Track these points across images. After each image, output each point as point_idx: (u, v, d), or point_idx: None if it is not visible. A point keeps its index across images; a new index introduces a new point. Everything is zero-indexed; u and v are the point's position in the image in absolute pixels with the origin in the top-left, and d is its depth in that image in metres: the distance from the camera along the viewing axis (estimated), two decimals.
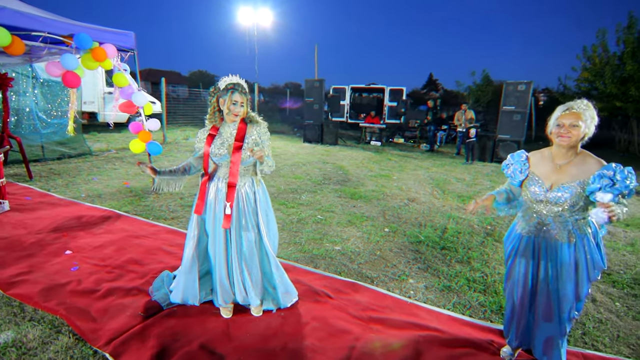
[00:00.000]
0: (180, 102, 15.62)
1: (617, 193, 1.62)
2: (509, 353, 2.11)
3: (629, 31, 11.25)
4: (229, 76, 2.21)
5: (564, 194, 1.75)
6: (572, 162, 1.78)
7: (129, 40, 4.82)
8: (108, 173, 6.27)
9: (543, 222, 1.85)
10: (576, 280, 1.80)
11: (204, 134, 2.29)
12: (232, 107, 2.16)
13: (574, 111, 1.72)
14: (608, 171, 1.65)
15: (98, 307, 2.37)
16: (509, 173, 1.99)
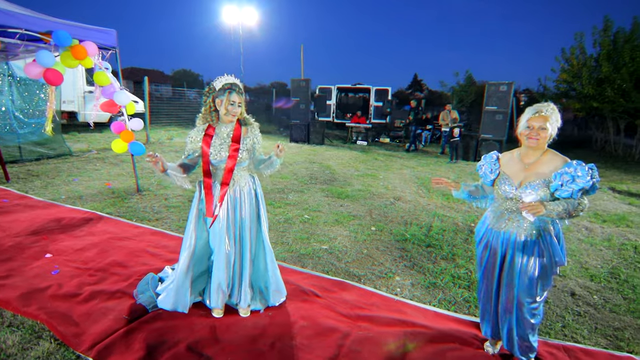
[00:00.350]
0: (163, 102, 15.37)
1: (579, 189, 1.69)
2: (492, 347, 2.17)
3: (604, 34, 11.65)
4: (224, 76, 2.20)
5: (530, 191, 1.82)
6: (539, 161, 1.86)
7: (111, 38, 4.72)
8: (89, 174, 6.11)
9: (512, 219, 1.92)
10: (539, 275, 1.87)
11: (199, 134, 2.22)
12: (231, 108, 2.15)
13: (543, 115, 1.80)
14: (569, 168, 1.73)
15: (80, 311, 2.31)
16: (481, 173, 2.09)
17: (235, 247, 2.29)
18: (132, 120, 4.68)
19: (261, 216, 2.39)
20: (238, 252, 2.32)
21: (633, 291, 3.07)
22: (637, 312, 2.76)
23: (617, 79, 10.92)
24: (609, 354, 2.24)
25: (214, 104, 2.19)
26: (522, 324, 1.95)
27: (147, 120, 10.49)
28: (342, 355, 2.06)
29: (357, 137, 13.25)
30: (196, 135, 2.22)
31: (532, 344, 1.99)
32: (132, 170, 5.27)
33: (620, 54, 11.02)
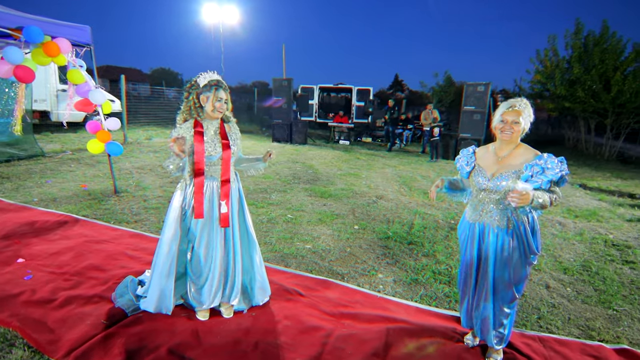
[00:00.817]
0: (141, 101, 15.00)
1: (548, 180, 1.76)
2: (471, 339, 2.23)
3: (576, 37, 12.14)
4: (207, 72, 2.17)
5: (502, 182, 1.89)
6: (512, 154, 1.93)
7: (85, 35, 4.57)
8: (63, 175, 5.90)
9: (486, 210, 1.98)
10: (514, 264, 1.93)
11: (188, 132, 2.13)
12: (219, 105, 2.13)
13: (516, 109, 1.87)
14: (540, 160, 1.80)
15: (55, 317, 2.23)
16: (458, 166, 2.17)
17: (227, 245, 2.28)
18: (109, 120, 4.55)
19: (245, 212, 2.39)
20: (231, 249, 2.30)
21: (603, 283, 3.22)
22: (607, 302, 2.89)
23: (588, 81, 11.40)
24: (581, 343, 2.34)
25: (199, 100, 2.15)
26: (497, 312, 2.01)
27: (125, 119, 10.21)
28: (326, 352, 2.07)
29: (339, 137, 13.31)
30: (186, 133, 2.13)
31: (504, 334, 2.05)
32: (109, 171, 5.12)
33: (591, 56, 11.51)
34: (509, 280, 1.95)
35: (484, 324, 2.06)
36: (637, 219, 5.21)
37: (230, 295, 2.36)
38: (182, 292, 2.40)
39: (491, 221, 1.96)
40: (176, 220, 2.21)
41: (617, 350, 2.28)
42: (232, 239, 2.32)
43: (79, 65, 4.25)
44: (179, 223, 2.22)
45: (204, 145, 2.15)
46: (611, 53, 11.13)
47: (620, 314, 2.75)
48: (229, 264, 2.32)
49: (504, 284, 1.96)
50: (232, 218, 2.30)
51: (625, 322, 2.65)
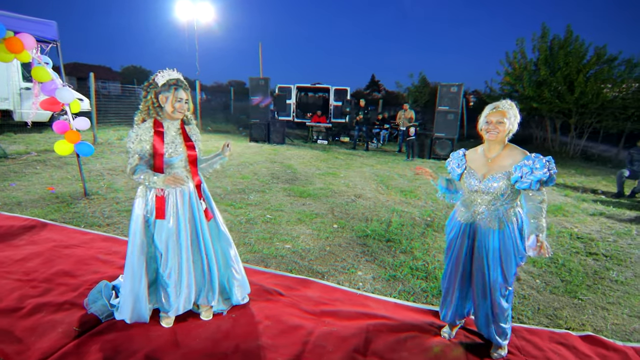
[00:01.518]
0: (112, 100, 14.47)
1: (537, 180, 1.82)
2: (448, 332, 2.30)
3: (542, 40, 12.68)
4: (166, 70, 2.07)
5: (494, 183, 1.94)
6: (501, 155, 1.98)
7: (51, 30, 4.36)
8: (28, 178, 5.61)
9: (478, 211, 2.04)
10: (505, 264, 2.00)
11: (148, 133, 2.04)
12: (179, 105, 2.06)
13: (500, 110, 1.93)
14: (528, 161, 1.86)
15: (23, 326, 2.13)
16: (450, 169, 2.20)
17: (194, 247, 2.23)
18: (78, 119, 4.37)
19: (215, 210, 2.36)
20: (203, 251, 2.25)
21: (569, 274, 3.39)
22: (573, 292, 3.06)
23: (553, 82, 11.95)
24: (550, 332, 2.46)
25: (157, 100, 2.06)
26: (496, 309, 2.07)
27: (94, 119, 9.82)
28: (307, 351, 2.08)
29: (317, 137, 13.33)
30: (146, 134, 2.03)
31: (506, 330, 2.12)
32: (79, 173, 4.92)
33: (556, 59, 12.06)
34: (502, 278, 2.01)
35: (486, 319, 2.13)
36: (599, 213, 5.52)
37: (209, 296, 2.32)
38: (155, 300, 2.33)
39: (483, 222, 2.01)
40: (141, 228, 2.12)
41: (583, 337, 2.42)
42: (203, 240, 2.25)
43: (44, 62, 4.06)
44: (144, 231, 2.13)
45: (164, 146, 2.06)
46: (574, 56, 11.70)
47: (585, 303, 2.91)
48: (203, 266, 2.27)
49: (497, 282, 2.02)
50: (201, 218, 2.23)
51: (589, 310, 2.81)
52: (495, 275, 2.02)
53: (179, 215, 2.15)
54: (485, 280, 2.05)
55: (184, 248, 2.17)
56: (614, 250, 4.02)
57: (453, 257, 2.17)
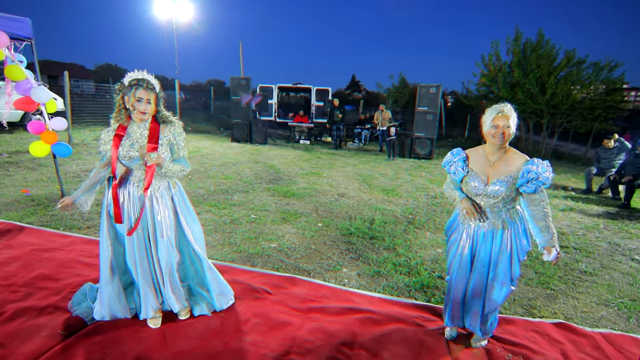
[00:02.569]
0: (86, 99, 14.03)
1: (540, 185, 1.90)
2: (449, 332, 2.35)
3: (515, 43, 13.16)
4: (135, 71, 2.07)
5: (499, 187, 1.97)
6: (502, 159, 2.00)
7: (25, 28, 4.23)
8: (0, 180, 5.40)
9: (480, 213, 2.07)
10: (510, 262, 2.05)
11: (109, 135, 2.07)
12: (137, 105, 2.01)
13: (505, 114, 1.92)
14: (532, 166, 1.90)
15: (5, 331, 2.08)
16: (452, 170, 2.13)
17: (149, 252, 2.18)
18: (54, 119, 4.25)
19: (182, 224, 2.25)
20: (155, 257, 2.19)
21: (542, 266, 3.57)
22: (546, 283, 3.23)
23: (526, 84, 12.43)
24: (525, 321, 2.61)
25: (123, 102, 2.05)
26: (489, 306, 2.14)
27: (69, 119, 9.50)
28: (295, 346, 2.13)
29: (300, 137, 13.36)
30: (106, 136, 2.08)
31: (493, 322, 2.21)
32: (55, 175, 4.77)
33: (528, 61, 12.55)
34: (505, 277, 2.06)
35: (473, 317, 2.20)
36: (570, 208, 5.81)
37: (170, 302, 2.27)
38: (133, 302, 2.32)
39: (487, 224, 2.05)
40: (106, 220, 2.14)
41: (555, 325, 2.57)
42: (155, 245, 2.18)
43: (18, 61, 3.93)
44: (108, 229, 2.15)
45: (119, 149, 2.04)
46: (546, 59, 12.21)
47: (557, 293, 3.09)
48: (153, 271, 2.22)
49: (498, 282, 2.07)
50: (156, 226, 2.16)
51: (561, 300, 2.98)
52: (495, 274, 2.07)
53: (130, 218, 2.12)
54: (484, 280, 2.10)
55: (136, 251, 2.14)
56: (583, 244, 4.26)
57: (458, 260, 2.18)
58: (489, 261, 2.09)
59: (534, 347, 2.28)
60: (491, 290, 2.11)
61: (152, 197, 2.14)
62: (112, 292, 2.18)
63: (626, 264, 3.74)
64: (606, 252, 4.03)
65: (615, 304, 2.95)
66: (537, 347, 2.30)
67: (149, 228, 2.15)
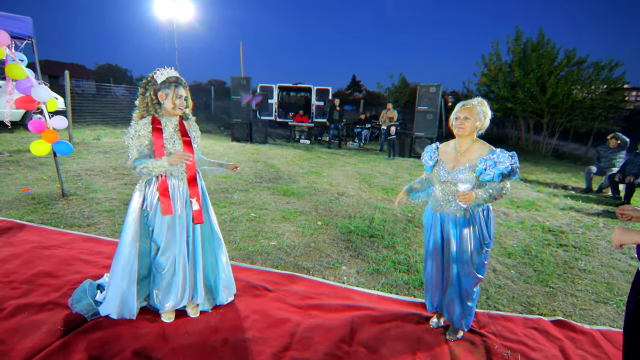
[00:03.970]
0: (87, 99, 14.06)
1: (499, 172, 1.95)
2: (436, 322, 2.40)
3: (516, 43, 13.17)
4: (164, 68, 2.13)
5: (460, 175, 2.08)
6: (469, 150, 2.12)
7: (26, 27, 4.24)
8: (1, 179, 5.41)
9: (446, 200, 2.16)
10: (471, 249, 2.12)
11: (146, 128, 2.07)
12: (179, 102, 2.10)
13: (467, 106, 2.08)
14: (492, 155, 1.99)
15: (5, 327, 2.09)
16: (424, 160, 2.33)
17: (189, 244, 2.26)
18: (55, 118, 4.27)
19: (210, 210, 2.39)
20: (199, 248, 2.30)
21: (542, 264, 3.58)
22: (545, 281, 3.23)
23: (527, 83, 12.43)
24: (523, 318, 2.61)
25: (156, 97, 2.10)
26: (461, 295, 2.19)
27: (70, 118, 9.52)
28: (294, 342, 2.14)
29: (300, 136, 13.37)
30: (143, 129, 2.07)
31: (470, 310, 2.24)
32: (56, 173, 4.79)
33: (529, 61, 12.55)
34: (470, 264, 2.13)
35: (450, 304, 2.24)
36: (569, 207, 5.81)
37: (196, 294, 2.34)
38: (144, 295, 2.35)
39: (450, 211, 2.14)
40: (136, 221, 2.16)
41: (554, 322, 2.58)
42: (195, 238, 2.29)
43: (19, 60, 3.94)
44: (139, 224, 2.17)
45: (164, 142, 2.11)
46: (546, 58, 12.22)
47: (556, 291, 3.09)
48: (196, 263, 2.30)
49: (466, 269, 2.14)
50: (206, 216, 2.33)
51: (560, 297, 2.99)
52: (462, 261, 2.14)
53: (176, 210, 2.19)
54: (452, 267, 2.17)
55: (177, 244, 2.20)
56: (582, 242, 4.26)
57: (429, 246, 2.30)
58: (456, 248, 2.15)
59: (532, 344, 2.29)
60: (461, 278, 2.17)
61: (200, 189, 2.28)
62: (128, 295, 2.19)
63: (625, 262, 3.74)
64: (605, 251, 4.04)
65: (614, 302, 2.95)
66: (535, 343, 2.30)
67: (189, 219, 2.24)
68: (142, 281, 2.30)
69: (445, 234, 2.18)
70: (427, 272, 2.34)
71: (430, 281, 2.34)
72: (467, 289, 2.18)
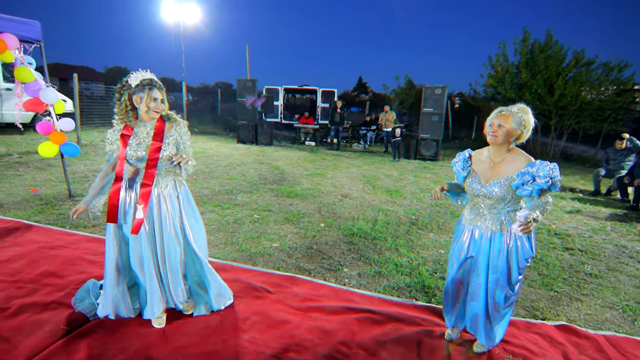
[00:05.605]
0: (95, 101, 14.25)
1: (539, 188, 1.82)
2: (451, 334, 2.33)
3: (523, 44, 13.04)
4: (139, 71, 2.07)
5: (495, 188, 1.95)
6: (505, 160, 1.96)
7: (34, 30, 4.32)
8: (10, 180, 5.51)
9: (480, 214, 2.06)
10: (508, 266, 2.00)
11: (115, 135, 2.10)
12: (154, 105, 2.03)
13: (504, 113, 1.90)
14: (531, 168, 1.83)
15: (9, 326, 2.13)
16: (455, 170, 2.16)
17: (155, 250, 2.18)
18: (62, 120, 4.34)
19: (185, 225, 2.25)
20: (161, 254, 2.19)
21: (547, 268, 3.53)
22: (550, 285, 3.19)
23: (534, 85, 12.30)
24: (527, 322, 2.58)
25: (130, 102, 2.05)
26: (490, 312, 2.08)
27: (78, 120, 9.66)
28: (294, 344, 2.14)
29: (305, 138, 13.39)
30: (113, 136, 2.10)
31: (495, 334, 2.14)
32: (63, 175, 4.86)
33: (536, 62, 12.42)
34: (504, 282, 2.01)
35: (474, 321, 2.15)
36: (577, 210, 5.73)
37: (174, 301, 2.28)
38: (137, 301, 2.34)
39: (485, 225, 2.03)
40: (112, 226, 2.15)
41: (557, 327, 2.54)
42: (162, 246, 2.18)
43: (27, 63, 4.02)
44: (115, 229, 2.16)
45: (127, 149, 2.06)
46: (554, 60, 12.07)
47: (561, 295, 3.05)
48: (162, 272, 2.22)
49: (499, 286, 2.02)
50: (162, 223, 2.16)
51: (564, 302, 2.95)
52: (495, 277, 2.02)
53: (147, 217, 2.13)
54: (481, 283, 2.06)
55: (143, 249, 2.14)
56: (589, 246, 4.20)
57: (458, 261, 2.16)
58: (487, 264, 2.04)
59: (535, 349, 2.26)
60: (493, 294, 2.06)
61: (160, 196, 2.15)
62: (117, 292, 2.19)
63: (633, 267, 3.68)
64: (613, 255, 3.97)
65: (620, 307, 2.91)
66: (538, 348, 2.27)
67: (154, 226, 2.14)
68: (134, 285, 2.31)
69: (477, 248, 2.06)
70: (450, 284, 2.22)
71: (453, 295, 2.23)
72: (497, 304, 2.06)
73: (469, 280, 2.15)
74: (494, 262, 2.01)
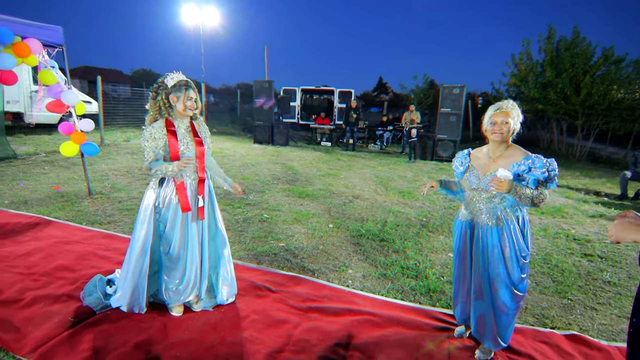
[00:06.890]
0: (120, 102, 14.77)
1: (534, 179, 1.82)
2: (459, 331, 2.31)
3: (548, 41, 12.59)
4: (173, 72, 2.23)
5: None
6: (503, 155, 1.99)
7: (56, 35, 4.52)
8: (36, 178, 5.79)
9: (476, 208, 2.06)
10: (504, 262, 1.98)
11: (161, 131, 2.19)
12: (190, 104, 2.21)
13: (504, 110, 1.93)
14: (527, 160, 1.86)
15: (21, 316, 2.23)
16: (454, 166, 2.23)
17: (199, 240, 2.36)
18: (82, 121, 4.52)
19: (215, 208, 2.47)
20: (205, 244, 2.39)
21: (562, 274, 3.40)
22: (563, 292, 3.06)
23: (559, 84, 11.84)
24: (534, 330, 2.49)
25: (168, 101, 2.20)
26: (494, 311, 2.04)
27: (101, 121, 10.05)
28: (291, 344, 2.15)
29: (321, 138, 13.41)
30: (158, 132, 2.19)
31: (501, 336, 2.08)
32: (83, 173, 5.07)
33: (562, 60, 11.95)
34: (505, 278, 1.98)
35: (480, 322, 2.11)
36: (600, 214, 5.48)
37: (202, 289, 2.42)
38: (153, 290, 2.44)
39: (481, 219, 2.02)
40: (149, 218, 2.26)
41: (567, 336, 2.43)
42: (203, 235, 2.38)
43: (50, 66, 4.21)
44: (152, 221, 2.27)
45: (178, 143, 2.22)
46: (581, 57, 11.59)
47: (574, 303, 2.92)
48: (203, 259, 2.39)
49: (501, 283, 1.99)
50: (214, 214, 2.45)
51: (577, 310, 2.82)
52: (496, 274, 1.99)
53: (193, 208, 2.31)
54: (483, 281, 2.03)
55: (189, 240, 2.30)
56: (610, 252, 4.00)
57: (458, 256, 2.19)
58: (484, 258, 2.03)
59: (540, 358, 2.18)
60: (496, 292, 2.02)
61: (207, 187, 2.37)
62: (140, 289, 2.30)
63: None
64: (635, 262, 3.77)
65: None
66: (544, 358, 2.19)
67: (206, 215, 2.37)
68: (152, 276, 2.39)
69: (475, 245, 2.06)
70: (456, 283, 2.24)
71: (458, 292, 2.24)
72: (503, 304, 2.02)
73: (471, 276, 2.13)
74: (491, 257, 2.01)
